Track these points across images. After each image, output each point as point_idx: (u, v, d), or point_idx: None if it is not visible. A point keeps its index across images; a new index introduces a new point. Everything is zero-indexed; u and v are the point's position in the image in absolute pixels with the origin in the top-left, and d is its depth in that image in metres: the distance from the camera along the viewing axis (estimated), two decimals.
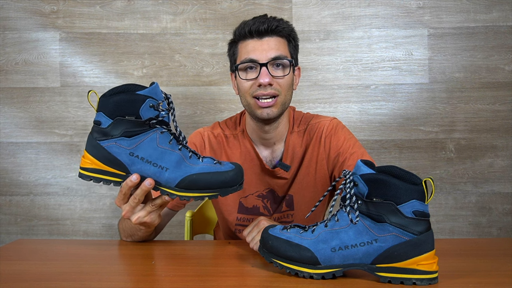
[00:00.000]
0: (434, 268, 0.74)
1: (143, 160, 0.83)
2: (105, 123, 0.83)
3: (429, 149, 1.86)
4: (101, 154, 0.83)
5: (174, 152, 0.84)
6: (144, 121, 0.83)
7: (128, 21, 1.87)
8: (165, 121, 0.85)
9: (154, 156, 0.83)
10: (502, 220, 1.86)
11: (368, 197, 0.74)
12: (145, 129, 0.83)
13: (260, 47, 1.11)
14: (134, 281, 0.80)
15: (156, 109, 0.83)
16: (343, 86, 1.88)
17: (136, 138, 0.83)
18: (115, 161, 0.83)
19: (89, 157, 0.84)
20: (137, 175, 0.84)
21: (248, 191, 1.21)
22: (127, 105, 0.82)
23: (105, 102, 0.82)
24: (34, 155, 1.89)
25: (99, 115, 0.83)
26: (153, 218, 0.92)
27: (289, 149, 1.21)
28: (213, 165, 0.86)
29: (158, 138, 0.84)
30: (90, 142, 0.84)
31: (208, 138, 1.23)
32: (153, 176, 0.84)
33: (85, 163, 0.85)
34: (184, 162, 0.84)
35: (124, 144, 0.82)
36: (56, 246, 1.05)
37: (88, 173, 0.84)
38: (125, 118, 0.82)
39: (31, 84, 1.88)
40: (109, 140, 0.82)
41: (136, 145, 0.83)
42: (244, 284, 0.79)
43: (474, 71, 1.85)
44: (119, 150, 0.83)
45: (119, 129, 0.82)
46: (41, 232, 1.89)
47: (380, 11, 1.86)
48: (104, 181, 0.85)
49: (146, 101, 0.82)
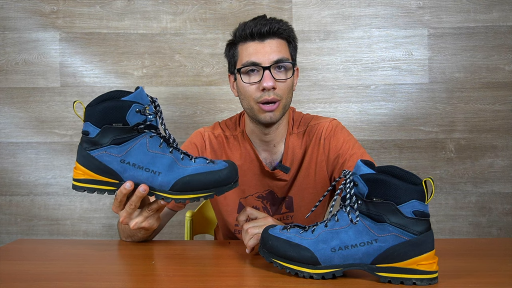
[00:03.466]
0: (434, 268, 0.74)
1: (134, 166, 0.83)
2: (93, 133, 0.82)
3: (429, 149, 1.86)
4: (92, 164, 0.82)
5: (165, 156, 0.84)
6: (131, 127, 0.82)
7: (128, 21, 1.87)
8: (154, 125, 0.84)
9: (145, 161, 0.83)
10: (502, 220, 1.86)
11: (368, 197, 0.74)
12: (133, 135, 0.82)
13: (262, 49, 1.10)
14: (134, 281, 0.80)
15: (143, 114, 0.82)
16: (343, 86, 1.88)
17: (125, 145, 0.82)
18: (106, 169, 0.83)
19: (80, 167, 0.83)
20: (131, 182, 0.83)
21: (248, 192, 1.21)
22: (113, 112, 0.81)
23: (91, 111, 0.81)
24: (34, 155, 1.89)
25: (86, 125, 0.82)
26: (151, 223, 0.91)
27: (289, 151, 1.20)
28: (206, 165, 0.85)
29: (148, 143, 0.83)
30: (80, 153, 0.83)
31: (209, 138, 1.22)
32: (146, 182, 0.84)
33: (77, 174, 0.84)
34: (176, 165, 0.84)
35: (114, 152, 0.82)
36: (56, 246, 1.05)
37: (82, 184, 0.84)
38: (113, 126, 0.81)
39: (31, 84, 1.88)
40: (99, 149, 0.82)
41: (126, 152, 0.82)
42: (244, 284, 0.79)
43: (474, 71, 1.85)
44: (110, 159, 0.82)
45: (108, 137, 0.81)
46: (41, 232, 1.89)
47: (380, 11, 1.86)
48: (98, 190, 0.84)
49: (132, 106, 0.81)
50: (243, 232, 0.95)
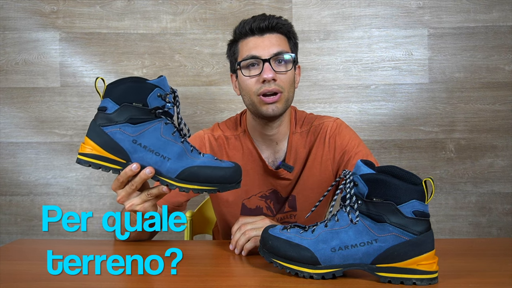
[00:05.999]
0: (434, 268, 0.74)
1: (145, 148, 0.83)
2: (111, 109, 0.83)
3: (429, 149, 1.86)
4: (103, 140, 0.83)
5: (176, 144, 0.85)
6: (150, 109, 0.83)
7: (128, 21, 1.87)
8: (170, 113, 0.86)
9: (157, 145, 0.83)
10: (502, 220, 1.85)
11: (368, 197, 0.74)
12: (150, 118, 0.83)
13: (261, 43, 1.12)
14: (134, 281, 0.80)
15: (163, 99, 0.84)
16: (343, 86, 1.88)
17: (140, 126, 0.83)
18: (117, 147, 0.83)
19: (90, 143, 0.83)
20: (138, 164, 0.83)
21: (251, 192, 1.21)
22: (135, 92, 0.82)
23: (112, 89, 0.83)
24: (34, 155, 1.89)
25: (105, 101, 0.83)
26: (146, 207, 0.89)
27: (292, 150, 1.20)
28: (214, 160, 0.86)
29: (162, 128, 0.84)
30: (93, 128, 0.84)
31: (209, 140, 1.21)
32: (154, 165, 0.84)
33: (84, 148, 0.84)
34: (185, 155, 0.85)
35: (128, 130, 0.82)
36: (56, 246, 1.05)
37: (87, 159, 0.83)
38: (132, 105, 0.82)
39: (31, 84, 1.88)
40: (113, 126, 0.82)
41: (140, 133, 0.83)
42: (244, 284, 0.79)
43: (474, 71, 1.85)
44: (122, 137, 0.82)
45: (125, 115, 0.82)
46: (41, 232, 1.89)
47: (380, 11, 1.86)
48: (103, 167, 0.84)
49: (154, 90, 0.83)
50: (238, 232, 0.95)
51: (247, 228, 0.94)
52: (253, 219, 0.99)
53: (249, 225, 0.96)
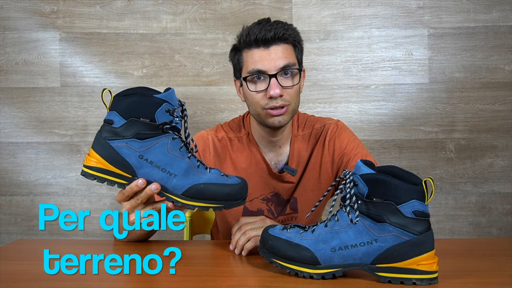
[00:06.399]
0: (434, 268, 0.74)
1: (152, 164, 0.82)
2: (118, 123, 0.81)
3: (429, 149, 1.86)
4: (109, 154, 0.81)
5: (183, 160, 0.83)
6: (157, 125, 0.81)
7: (128, 21, 1.87)
8: (178, 127, 0.85)
9: (163, 161, 0.82)
10: (502, 220, 1.85)
11: (368, 197, 0.74)
12: (157, 133, 0.82)
13: (267, 56, 1.08)
14: (134, 281, 0.80)
15: (171, 115, 0.83)
16: (343, 86, 1.88)
17: (147, 141, 0.81)
18: (123, 162, 0.82)
19: (95, 155, 0.82)
20: (144, 180, 0.82)
21: (253, 194, 1.20)
22: (143, 106, 0.81)
23: (119, 102, 0.81)
24: (34, 155, 1.89)
25: (111, 114, 0.82)
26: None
27: (295, 153, 1.20)
28: (220, 177, 0.85)
29: (169, 144, 0.83)
30: (99, 141, 0.82)
31: (213, 141, 1.20)
32: (160, 181, 0.83)
33: (90, 161, 0.83)
34: (192, 171, 0.83)
35: (135, 146, 0.81)
36: (56, 246, 1.05)
37: (93, 172, 0.83)
38: (139, 120, 0.81)
39: (31, 84, 1.88)
40: (120, 141, 0.81)
41: (146, 148, 0.82)
42: (244, 284, 0.79)
43: (474, 71, 1.85)
44: (129, 152, 0.81)
45: (132, 130, 0.81)
46: (41, 232, 1.89)
47: (380, 11, 1.86)
48: (108, 181, 0.83)
49: (163, 105, 0.81)
50: (238, 232, 0.95)
51: (247, 228, 0.94)
52: (253, 219, 0.99)
53: (249, 225, 0.96)
